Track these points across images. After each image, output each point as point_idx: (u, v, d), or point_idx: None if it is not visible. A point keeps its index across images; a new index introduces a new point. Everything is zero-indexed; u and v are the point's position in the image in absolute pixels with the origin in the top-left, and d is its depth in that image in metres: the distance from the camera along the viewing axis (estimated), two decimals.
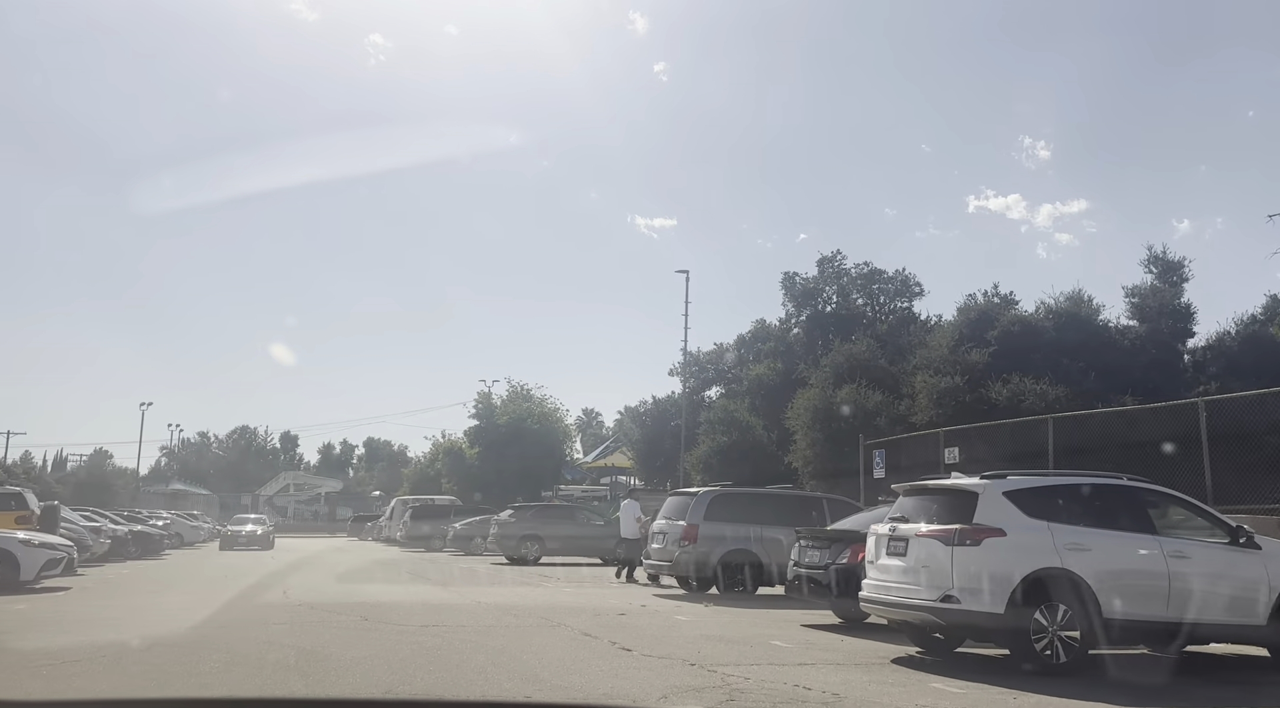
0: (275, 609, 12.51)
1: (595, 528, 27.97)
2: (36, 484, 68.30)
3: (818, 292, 43.13)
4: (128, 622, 10.51)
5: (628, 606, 13.76)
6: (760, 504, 16.57)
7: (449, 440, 61.25)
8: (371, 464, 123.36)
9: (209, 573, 22.16)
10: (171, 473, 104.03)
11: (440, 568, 24.09)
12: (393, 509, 45.49)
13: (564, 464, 61.22)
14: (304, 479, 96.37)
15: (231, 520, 42.43)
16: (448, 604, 13.59)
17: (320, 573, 22.05)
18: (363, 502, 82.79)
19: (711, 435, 38.34)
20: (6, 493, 18.80)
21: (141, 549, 28.82)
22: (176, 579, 19.75)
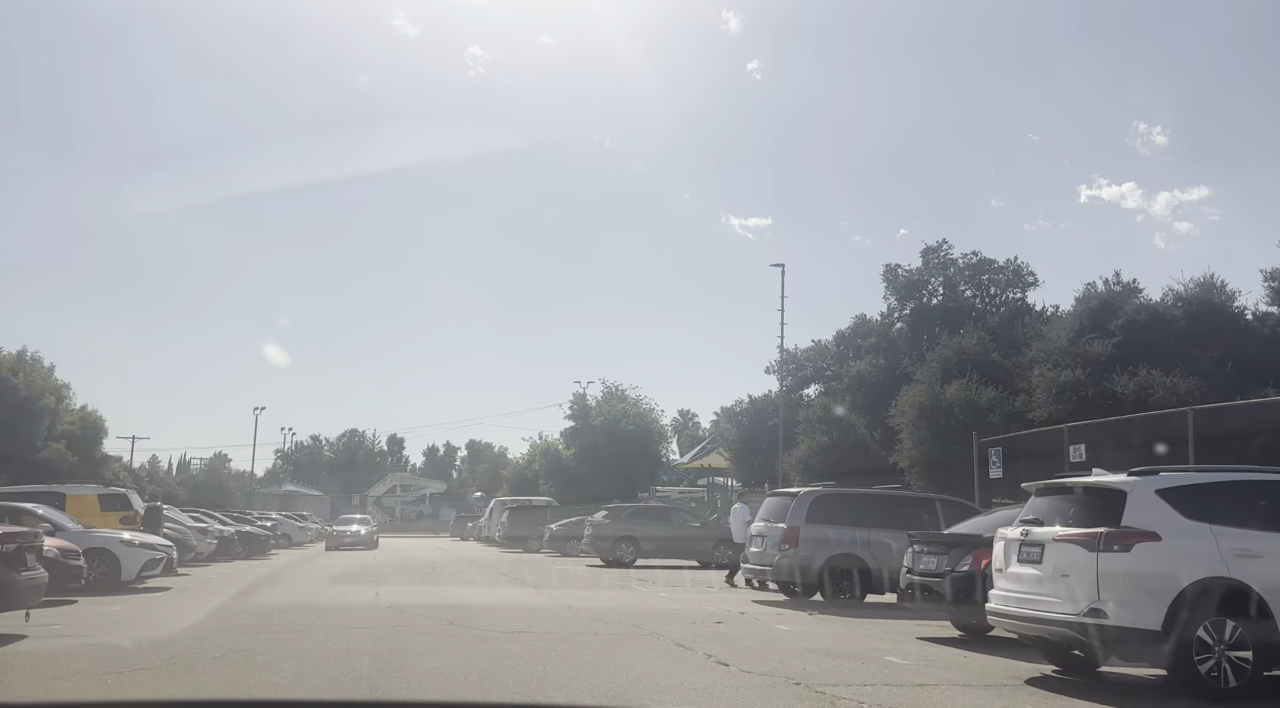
0: (362, 612, 12.18)
1: (692, 530, 27.18)
2: (159, 487, 71.96)
3: (922, 284, 41.23)
4: (211, 628, 10.27)
5: (725, 613, 12.93)
6: (867, 506, 15.47)
7: (545, 442, 61.43)
8: (474, 466, 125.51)
9: (310, 573, 22.33)
10: (285, 475, 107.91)
11: (534, 570, 23.72)
12: (491, 510, 45.71)
13: (660, 465, 60.61)
14: (410, 481, 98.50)
15: (336, 521, 43.40)
16: (537, 609, 13.03)
17: (415, 574, 21.94)
18: (465, 503, 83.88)
19: (811, 435, 37.04)
20: (112, 494, 19.24)
21: (248, 549, 29.47)
22: (275, 580, 19.89)
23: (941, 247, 41.65)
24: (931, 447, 29.48)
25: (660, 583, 18.90)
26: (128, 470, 66.94)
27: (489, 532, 43.75)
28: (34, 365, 40.97)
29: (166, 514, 24.25)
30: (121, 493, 19.33)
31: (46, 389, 40.57)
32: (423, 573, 22.23)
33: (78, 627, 9.99)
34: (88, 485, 19.17)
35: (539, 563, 27.14)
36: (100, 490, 19.27)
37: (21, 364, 40.14)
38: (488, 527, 45.12)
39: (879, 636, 11.11)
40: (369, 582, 18.34)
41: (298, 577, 20.91)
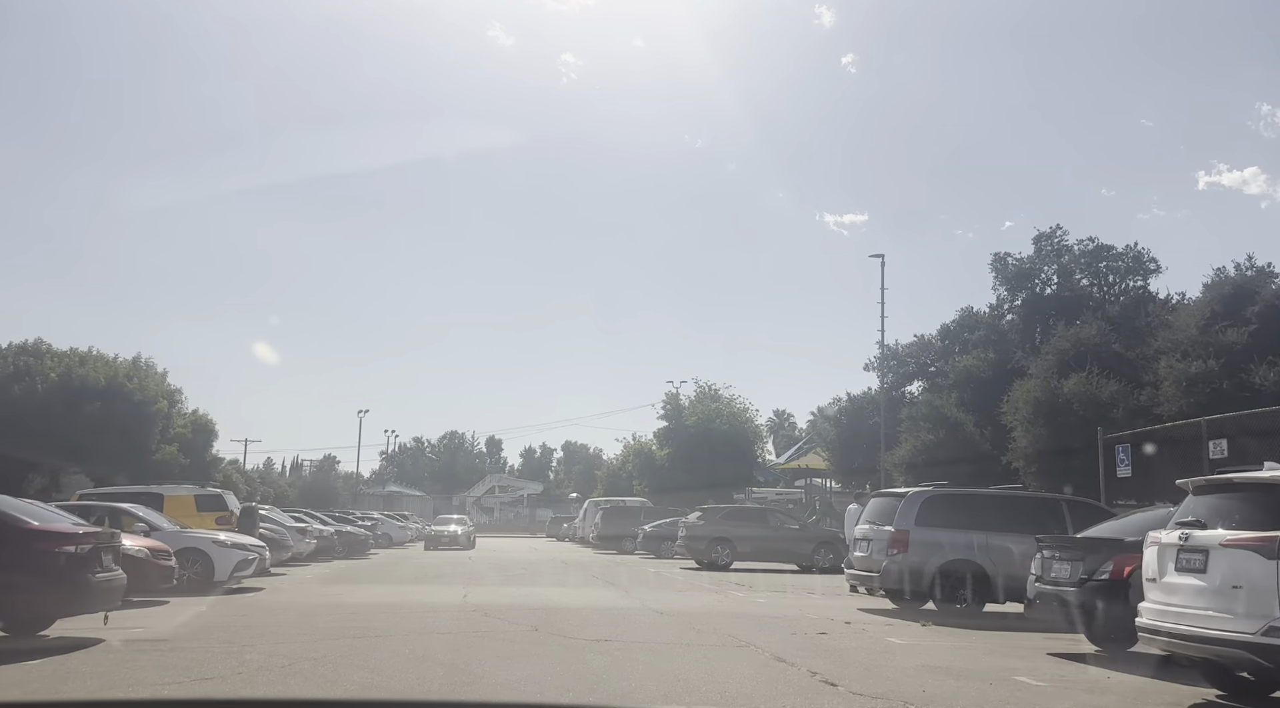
0: (446, 615, 11.71)
1: (790, 532, 26.09)
2: (271, 488, 74.54)
3: (1034, 272, 38.92)
4: (289, 632, 9.91)
5: (829, 622, 11.96)
6: (983, 507, 14.21)
7: (638, 442, 60.86)
8: (569, 467, 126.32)
9: (403, 573, 22.23)
10: (389, 476, 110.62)
11: (626, 571, 23.08)
12: (585, 511, 45.41)
13: (755, 466, 59.30)
14: (508, 482, 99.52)
15: (435, 521, 43.79)
16: (627, 614, 12.33)
17: (507, 574, 21.57)
18: (561, 503, 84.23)
19: (915, 433, 35.35)
20: (208, 494, 19.45)
21: (348, 549, 29.77)
22: (370, 579, 19.79)
23: (1055, 233, 39.28)
24: (1048, 445, 27.63)
25: (757, 588, 17.97)
26: (240, 472, 69.45)
27: (583, 533, 43.45)
28: (148, 371, 42.62)
29: (266, 515, 24.60)
30: (217, 494, 19.52)
31: (160, 394, 42.14)
32: (514, 574, 21.85)
33: (158, 630, 9.77)
34: (184, 486, 19.46)
35: (632, 565, 26.51)
36: (196, 491, 19.52)
37: (136, 370, 41.82)
38: (582, 527, 44.84)
39: (1004, 651, 9.98)
40: (459, 582, 18.01)
41: (390, 577, 20.79)
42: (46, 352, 40.02)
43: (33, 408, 36.47)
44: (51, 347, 40.68)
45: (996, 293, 40.16)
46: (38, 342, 40.61)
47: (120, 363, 41.65)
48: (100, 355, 41.69)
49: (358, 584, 17.53)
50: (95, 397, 38.34)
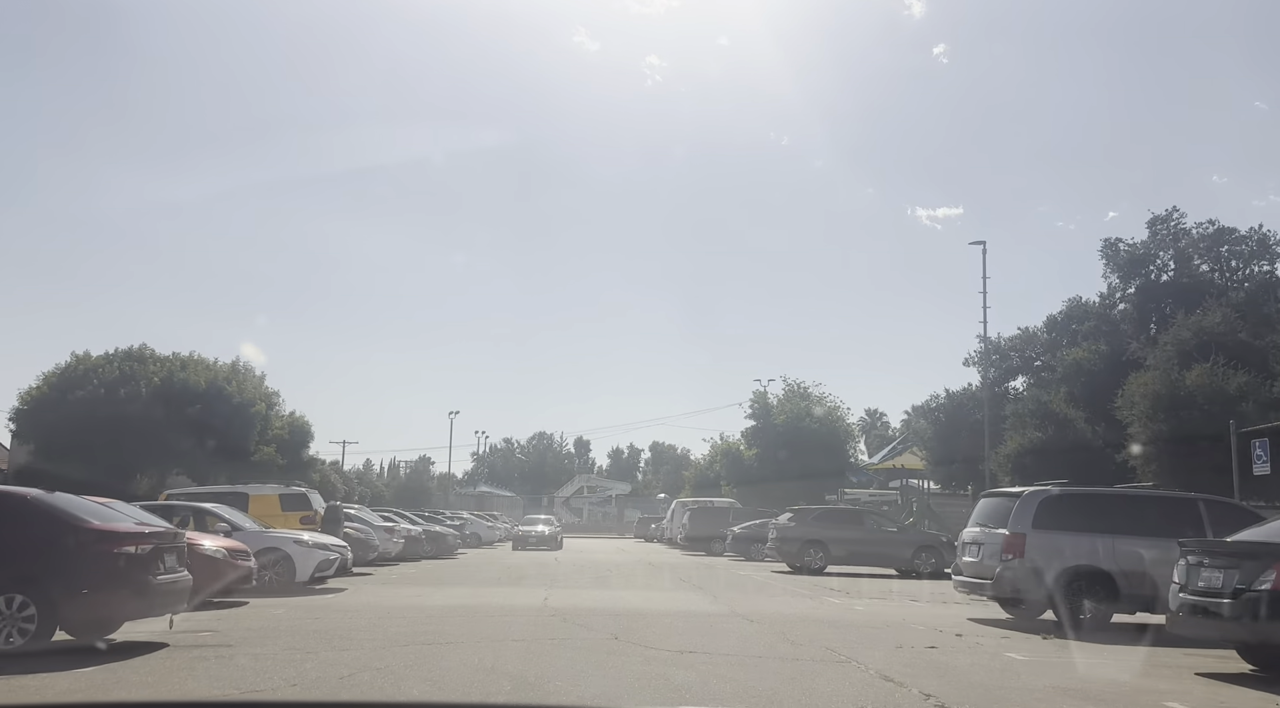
0: (524, 619, 11.10)
1: (888, 534, 24.78)
2: (368, 488, 75.97)
3: (1148, 258, 36.43)
4: (358, 637, 9.44)
5: (937, 633, 10.89)
6: (1110, 508, 12.86)
7: (726, 442, 59.80)
8: (657, 467, 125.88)
9: (487, 574, 21.88)
10: (480, 477, 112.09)
11: (714, 575, 22.22)
12: (672, 512, 44.69)
13: (848, 466, 57.53)
14: (596, 482, 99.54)
15: (523, 521, 43.67)
16: (714, 622, 11.51)
17: (591, 576, 20.99)
18: (649, 504, 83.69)
19: (1020, 430, 33.45)
20: (292, 494, 19.42)
21: (436, 549, 29.71)
22: (453, 580, 19.45)
23: (1171, 216, 36.66)
24: (1169, 441, 25.63)
25: (855, 594, 16.88)
26: (339, 473, 71.00)
27: (670, 534, 42.76)
28: (246, 374, 43.72)
29: (354, 514, 24.63)
30: (301, 493, 19.48)
31: (258, 397, 43.15)
32: (598, 576, 21.24)
33: (226, 634, 9.42)
34: (269, 486, 19.52)
35: (720, 567, 25.61)
36: (281, 490, 19.53)
37: (235, 373, 42.94)
38: (669, 528, 44.15)
39: (1144, 669, 8.79)
40: (541, 585, 17.49)
41: (473, 578, 20.43)
42: (150, 357, 41.41)
43: (137, 411, 37.71)
44: (155, 352, 42.09)
45: (1107, 281, 37.81)
46: (142, 347, 42.06)
47: (220, 366, 42.86)
48: (201, 359, 42.98)
49: (440, 586, 17.16)
50: (196, 400, 39.49)
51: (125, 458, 38.00)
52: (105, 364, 39.78)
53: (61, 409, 37.43)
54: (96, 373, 39.10)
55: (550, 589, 16.16)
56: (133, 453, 37.67)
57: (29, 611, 7.39)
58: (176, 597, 8.49)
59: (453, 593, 15.35)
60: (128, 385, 38.97)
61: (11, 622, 7.38)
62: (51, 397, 38.16)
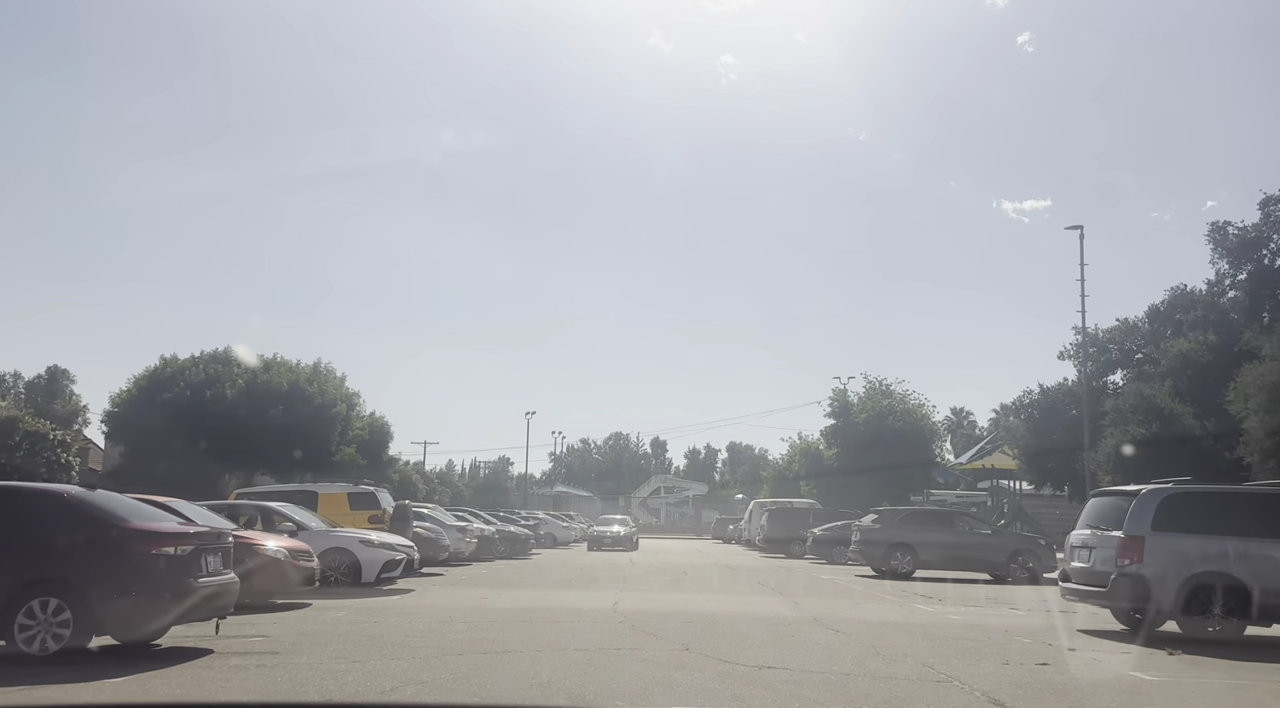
0: (590, 627, 10.42)
1: (981, 537, 23.37)
2: (449, 488, 76.81)
3: (1261, 241, 33.85)
4: (412, 644, 8.88)
5: (1046, 647, 9.80)
6: (1239, 508, 11.51)
7: (805, 441, 58.36)
8: (734, 468, 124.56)
9: (558, 576, 21.34)
10: (558, 477, 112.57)
11: (795, 579, 21.22)
12: (750, 513, 43.67)
13: (933, 466, 55.48)
14: (673, 482, 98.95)
15: (598, 521, 43.18)
16: (796, 631, 10.62)
17: (666, 579, 20.24)
18: (727, 504, 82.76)
19: (1122, 427, 31.43)
20: (361, 493, 19.16)
21: (509, 549, 29.39)
22: (522, 582, 18.94)
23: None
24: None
25: (949, 601, 15.72)
26: (420, 473, 71.94)
27: (749, 535, 41.77)
28: (327, 375, 44.29)
29: (427, 514, 24.41)
30: (370, 492, 19.23)
31: (339, 398, 43.67)
32: (672, 578, 20.48)
33: (277, 639, 8.97)
34: (338, 484, 19.31)
35: (801, 571, 24.56)
36: (349, 489, 19.32)
37: (316, 375, 43.53)
38: (747, 530, 43.15)
39: None
40: (613, 587, 16.82)
41: (544, 580, 19.89)
42: (235, 359, 42.28)
43: (221, 413, 38.50)
44: (239, 354, 42.99)
45: (1215, 267, 35.31)
46: (227, 349, 42.99)
47: (302, 368, 43.49)
48: (283, 361, 43.70)
49: (507, 588, 16.63)
50: (278, 401, 40.13)
51: (211, 459, 38.84)
52: (192, 367, 40.77)
53: (150, 411, 38.45)
54: (183, 375, 40.09)
55: (621, 593, 15.47)
56: (219, 454, 38.44)
57: (64, 615, 7.02)
58: (222, 601, 8.06)
59: (520, 596, 14.79)
60: (213, 387, 39.84)
61: (45, 626, 7.01)
62: (141, 399, 39.25)
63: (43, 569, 7.13)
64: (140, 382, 40.15)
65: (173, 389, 39.28)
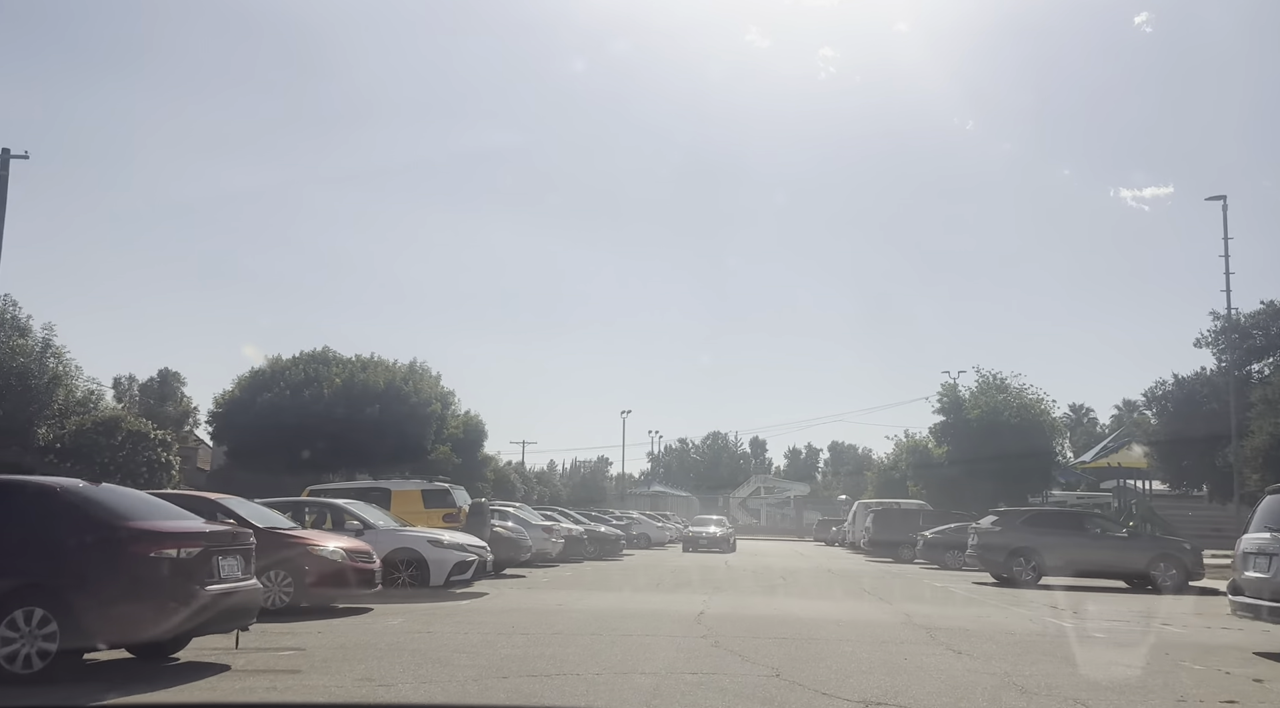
0: (666, 642, 9.10)
1: (1116, 541, 20.98)
2: (547, 488, 76.87)
3: None
4: (456, 661, 7.74)
5: (1224, 676, 7.98)
6: None
7: (912, 439, 55.56)
8: (836, 468, 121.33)
9: (646, 578, 20.10)
10: (656, 477, 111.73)
11: (904, 586, 19.39)
12: (854, 514, 41.61)
13: (1053, 465, 51.93)
14: (773, 483, 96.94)
15: (693, 522, 41.69)
16: (910, 651, 9.05)
17: (761, 584, 18.75)
18: (829, 506, 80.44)
19: (1273, 418, 28.16)
20: (435, 490, 18.31)
21: (599, 550, 28.36)
22: (606, 585, 17.78)
23: None
24: None
25: (1085, 614, 13.75)
26: (518, 472, 72.23)
27: (853, 537, 39.76)
28: (423, 374, 44.28)
29: (512, 513, 23.56)
30: (445, 489, 18.38)
31: (434, 396, 43.59)
32: (768, 584, 18.96)
33: (310, 653, 7.98)
34: (413, 481, 18.56)
35: (911, 577, 22.63)
36: (424, 486, 18.53)
37: (412, 374, 43.55)
38: (851, 532, 41.13)
39: None
40: (702, 592, 15.46)
41: (629, 583, 18.67)
42: (333, 359, 42.66)
43: (319, 412, 38.78)
44: (338, 354, 43.36)
45: None
46: (325, 349, 43.43)
47: (398, 367, 43.54)
48: (380, 361, 43.84)
49: (588, 591, 15.45)
50: (375, 400, 40.24)
51: (310, 458, 39.20)
52: (292, 367, 41.23)
53: (251, 411, 39.02)
54: (284, 376, 40.57)
55: (710, 599, 14.10)
56: (317, 453, 38.73)
57: (50, 627, 6.13)
58: (239, 609, 7.08)
59: (597, 601, 13.57)
60: (311, 387, 40.18)
61: (29, 640, 6.12)
62: (242, 399, 39.88)
63: (26, 574, 6.27)
64: (243, 382, 40.87)
65: (273, 389, 39.79)
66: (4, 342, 29.40)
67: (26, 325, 30.22)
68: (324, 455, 38.91)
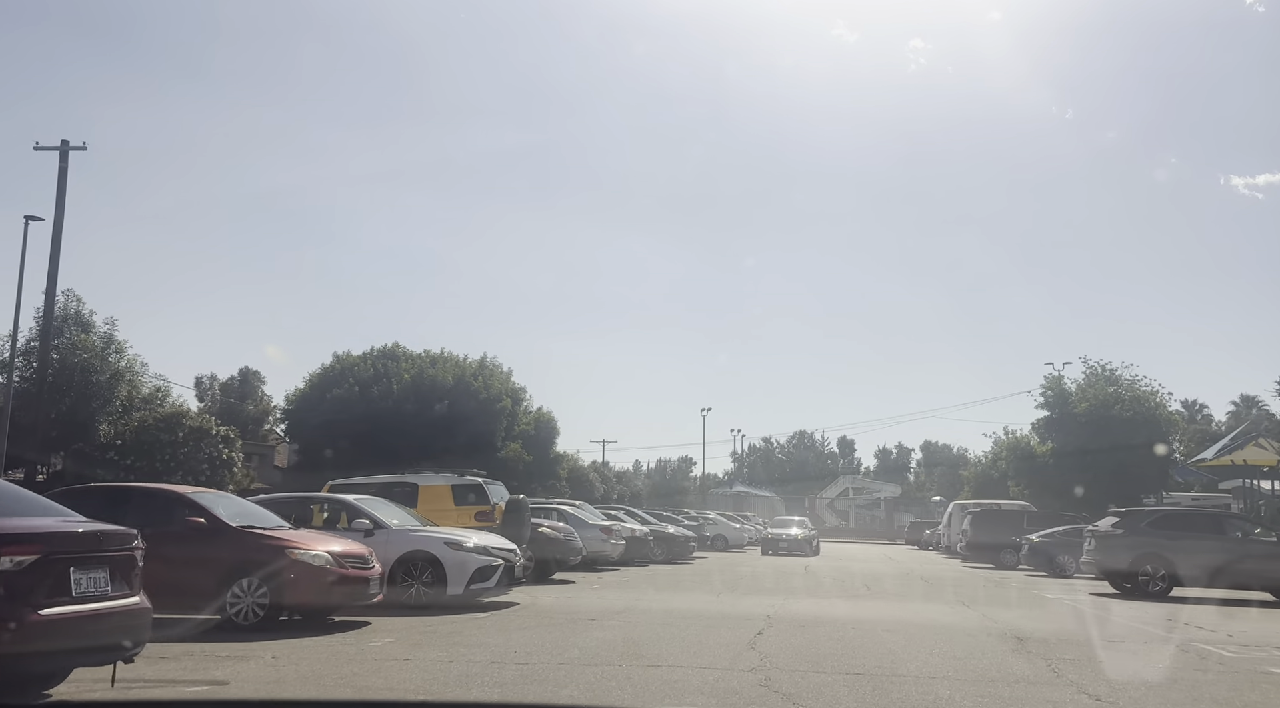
0: (704, 681, 7.04)
1: (1265, 547, 17.90)
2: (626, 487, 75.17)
3: None
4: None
5: None
6: None
7: (1012, 436, 51.71)
8: (929, 468, 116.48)
9: (711, 584, 18.00)
10: (740, 477, 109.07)
11: (1009, 596, 16.79)
12: (949, 516, 38.56)
13: (1170, 463, 47.54)
14: (862, 483, 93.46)
15: (772, 523, 39.12)
16: (1027, 694, 6.77)
17: (843, 591, 16.45)
18: (922, 507, 76.75)
19: None
20: (466, 484, 16.51)
21: (667, 552, 26.35)
22: (664, 591, 15.75)
23: None
24: None
25: (1246, 638, 11.07)
26: (597, 471, 70.68)
27: (948, 540, 36.76)
28: (493, 370, 43.02)
29: (569, 511, 21.80)
30: (476, 483, 16.57)
31: (504, 392, 42.30)
32: (850, 592, 16.64)
33: (221, 691, 6.21)
34: (444, 474, 16.85)
35: (1016, 586, 19.92)
36: (455, 480, 16.78)
37: (482, 369, 42.35)
38: (946, 535, 38.10)
39: None
40: (771, 602, 13.32)
41: (693, 589, 16.60)
42: (402, 354, 41.77)
43: (388, 408, 37.85)
44: (407, 349, 42.44)
45: None
46: (395, 345, 42.56)
47: (468, 363, 42.39)
48: (449, 356, 42.75)
49: (637, 601, 13.42)
50: (444, 395, 39.13)
51: (379, 454, 38.36)
52: (361, 363, 40.41)
53: (321, 408, 38.35)
54: (353, 372, 39.79)
55: (776, 612, 11.95)
56: (386, 449, 37.82)
57: None
58: (108, 635, 5.35)
59: (641, 616, 11.55)
60: (380, 383, 39.31)
61: None
62: (313, 396, 39.26)
63: None
64: (314, 379, 40.25)
65: (342, 385, 39.03)
66: (67, 338, 29.19)
67: (90, 320, 29.98)
68: (395, 451, 37.94)
